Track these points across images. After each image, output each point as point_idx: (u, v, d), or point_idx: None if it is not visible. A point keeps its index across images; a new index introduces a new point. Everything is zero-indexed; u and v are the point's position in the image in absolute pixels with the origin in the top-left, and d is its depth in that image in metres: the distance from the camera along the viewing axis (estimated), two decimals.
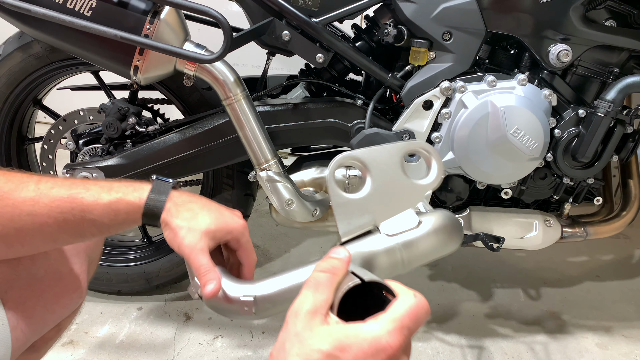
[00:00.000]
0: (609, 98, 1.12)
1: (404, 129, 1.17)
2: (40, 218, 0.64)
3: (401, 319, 0.44)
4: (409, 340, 0.45)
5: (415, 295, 0.46)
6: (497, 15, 1.12)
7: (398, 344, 0.42)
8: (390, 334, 0.42)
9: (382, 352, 0.42)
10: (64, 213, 0.64)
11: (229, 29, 1.01)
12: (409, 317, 0.44)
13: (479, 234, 1.25)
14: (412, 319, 0.44)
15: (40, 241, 0.67)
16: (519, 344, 1.38)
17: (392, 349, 0.42)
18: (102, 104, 1.28)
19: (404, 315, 0.44)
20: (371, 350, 0.42)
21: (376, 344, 0.42)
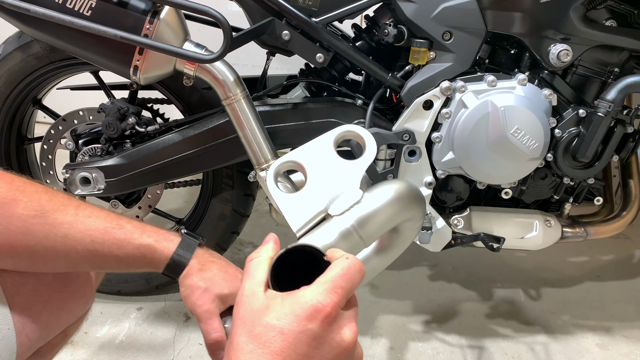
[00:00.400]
0: (609, 98, 1.12)
1: (404, 129, 1.17)
2: (72, 242, 0.65)
3: (333, 280, 0.46)
4: (349, 297, 0.47)
5: (347, 257, 0.48)
6: (497, 15, 1.12)
7: (332, 303, 0.44)
8: (322, 295, 0.45)
9: (317, 313, 0.44)
10: (95, 243, 0.66)
11: (228, 28, 1.01)
12: (341, 277, 0.46)
13: (479, 234, 1.25)
14: (344, 278, 0.46)
15: (63, 264, 0.68)
16: (519, 344, 1.38)
17: (326, 309, 0.44)
18: (102, 103, 1.28)
19: (336, 276, 0.46)
20: (306, 314, 0.44)
21: (310, 306, 0.44)
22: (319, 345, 0.44)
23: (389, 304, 1.51)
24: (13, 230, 0.63)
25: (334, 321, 0.45)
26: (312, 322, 0.44)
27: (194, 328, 1.39)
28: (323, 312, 0.44)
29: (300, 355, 0.44)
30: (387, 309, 1.49)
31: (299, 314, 0.44)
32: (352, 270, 0.47)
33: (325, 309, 0.44)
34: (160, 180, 1.29)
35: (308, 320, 0.44)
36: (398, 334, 1.40)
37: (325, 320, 0.44)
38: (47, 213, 0.65)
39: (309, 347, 0.44)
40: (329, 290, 0.45)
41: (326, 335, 0.45)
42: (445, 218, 1.26)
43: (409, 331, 1.41)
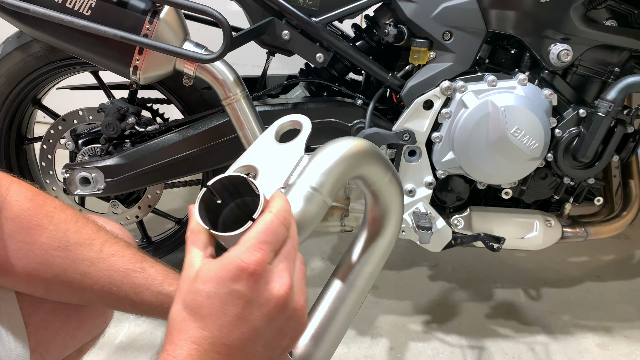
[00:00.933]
0: (609, 98, 1.12)
1: (404, 129, 1.17)
2: (89, 281, 0.63)
3: (256, 236, 0.45)
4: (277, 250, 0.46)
5: (271, 211, 0.47)
6: (497, 14, 1.12)
7: (255, 260, 0.44)
8: (245, 254, 0.44)
9: (241, 272, 0.43)
10: (112, 285, 0.64)
11: (228, 28, 1.01)
12: (264, 232, 0.45)
13: (479, 234, 1.25)
14: (267, 233, 0.45)
15: (77, 299, 0.66)
16: (520, 344, 1.38)
17: (250, 267, 0.43)
18: (102, 103, 1.28)
19: (259, 232, 0.45)
20: (230, 275, 0.43)
21: (233, 267, 0.43)
22: (248, 304, 0.44)
23: (389, 304, 1.51)
24: (32, 258, 0.61)
25: (260, 278, 0.44)
26: (237, 282, 0.43)
27: None
28: (247, 270, 0.43)
29: (230, 317, 0.43)
30: (387, 309, 1.49)
31: (223, 276, 0.43)
32: (275, 224, 0.46)
33: (249, 267, 0.43)
34: (160, 180, 1.29)
35: (233, 280, 0.43)
36: (398, 334, 1.40)
37: (251, 278, 0.43)
38: (71, 247, 0.62)
39: (238, 308, 0.43)
40: (252, 248, 0.44)
41: (253, 293, 0.44)
42: (445, 218, 1.26)
43: (409, 331, 1.41)
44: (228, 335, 0.44)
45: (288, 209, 0.48)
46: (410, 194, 1.23)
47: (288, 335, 0.48)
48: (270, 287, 0.44)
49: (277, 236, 0.46)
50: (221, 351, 0.43)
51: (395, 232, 0.72)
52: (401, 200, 0.71)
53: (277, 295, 0.45)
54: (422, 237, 1.19)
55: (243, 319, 0.44)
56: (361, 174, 0.64)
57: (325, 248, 1.75)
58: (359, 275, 0.68)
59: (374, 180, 0.66)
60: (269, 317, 0.45)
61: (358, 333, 1.39)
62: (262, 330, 0.45)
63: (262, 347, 0.46)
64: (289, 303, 0.46)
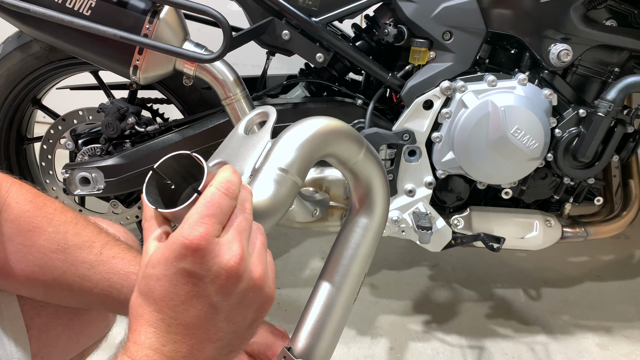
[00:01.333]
0: (609, 98, 1.12)
1: (404, 129, 1.17)
2: (89, 284, 0.62)
3: (198, 211, 0.44)
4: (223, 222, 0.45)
5: (212, 185, 0.45)
6: (497, 14, 1.12)
7: (199, 235, 0.42)
8: (188, 230, 0.43)
9: (185, 250, 0.42)
10: (112, 288, 0.63)
11: (228, 28, 1.01)
12: (206, 206, 0.44)
13: (479, 234, 1.25)
14: (209, 206, 0.44)
15: (77, 303, 0.65)
16: (520, 344, 1.38)
17: (193, 243, 0.42)
18: (102, 103, 1.28)
19: (200, 207, 0.44)
20: (175, 254, 0.42)
21: (177, 245, 0.42)
22: (199, 281, 0.43)
23: (389, 304, 1.51)
24: (31, 261, 0.60)
25: (207, 252, 0.42)
26: (184, 261, 0.42)
27: None
28: (191, 247, 0.42)
29: (182, 297, 0.42)
30: (387, 309, 1.49)
31: (169, 256, 0.42)
32: (217, 196, 0.44)
33: (193, 243, 0.42)
34: None
35: (179, 259, 0.42)
36: (398, 334, 1.39)
37: (196, 254, 0.42)
38: (70, 249, 0.62)
39: (189, 286, 0.42)
40: (195, 223, 0.43)
41: (202, 269, 0.42)
42: (445, 218, 1.26)
43: (409, 331, 1.41)
44: (183, 314, 0.43)
45: (231, 179, 0.46)
46: (410, 194, 1.23)
47: (251, 307, 0.46)
48: (219, 260, 0.43)
49: (221, 208, 0.44)
50: (179, 331, 0.43)
51: (384, 209, 0.70)
52: (383, 175, 0.69)
53: (227, 267, 0.43)
54: (422, 237, 1.19)
55: (196, 297, 0.43)
56: (332, 152, 0.62)
57: (325, 248, 1.75)
58: (353, 260, 0.66)
59: (348, 157, 0.64)
60: (224, 290, 0.43)
61: (358, 333, 1.39)
62: (219, 305, 0.44)
63: (223, 322, 0.44)
64: (243, 274, 0.44)
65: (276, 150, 0.56)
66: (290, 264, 1.67)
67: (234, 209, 0.46)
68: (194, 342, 0.43)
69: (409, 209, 1.23)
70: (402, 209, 1.23)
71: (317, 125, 0.59)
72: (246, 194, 0.48)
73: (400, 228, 1.24)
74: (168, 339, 0.43)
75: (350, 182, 0.69)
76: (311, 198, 1.21)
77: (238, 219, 0.46)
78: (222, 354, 0.45)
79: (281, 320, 1.38)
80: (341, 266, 0.66)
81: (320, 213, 1.21)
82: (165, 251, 0.43)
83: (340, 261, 0.66)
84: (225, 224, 0.45)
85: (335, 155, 0.63)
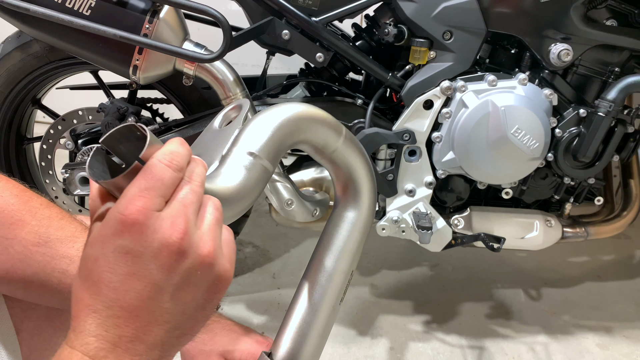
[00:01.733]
0: (609, 98, 1.12)
1: (404, 129, 1.17)
2: (68, 280, 0.60)
3: (136, 185, 0.40)
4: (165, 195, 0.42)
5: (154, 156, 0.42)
6: (497, 14, 1.12)
7: (136, 209, 0.39)
8: (124, 205, 0.40)
9: (122, 225, 0.39)
10: None
11: (228, 28, 1.01)
12: (144, 178, 0.41)
13: (479, 234, 1.25)
14: (147, 178, 0.41)
15: (58, 301, 0.63)
16: (520, 345, 1.38)
17: (130, 218, 0.39)
18: (101, 103, 1.28)
19: (138, 180, 0.41)
20: (111, 231, 0.39)
21: (114, 222, 0.39)
22: (138, 258, 0.40)
23: (389, 304, 1.51)
24: (12, 255, 0.58)
25: (146, 227, 0.39)
26: (121, 237, 0.39)
27: None
28: (127, 222, 0.39)
29: (121, 276, 0.39)
30: (387, 309, 1.48)
31: (105, 234, 0.40)
32: (158, 168, 0.41)
33: (129, 218, 0.39)
34: None
35: (115, 236, 0.39)
36: (398, 334, 1.39)
37: (134, 229, 0.39)
38: (52, 243, 0.60)
39: (127, 264, 0.39)
40: (132, 197, 0.40)
41: (141, 245, 0.40)
42: (445, 218, 1.26)
43: (409, 331, 1.41)
44: (124, 296, 0.40)
45: (176, 150, 0.43)
46: (410, 194, 1.22)
47: (200, 286, 0.43)
48: (159, 236, 0.40)
49: (162, 180, 0.41)
50: (121, 315, 0.40)
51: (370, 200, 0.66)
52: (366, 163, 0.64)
53: (169, 243, 0.40)
54: (422, 237, 1.19)
55: (136, 275, 0.40)
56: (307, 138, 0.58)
57: None
58: (339, 256, 0.62)
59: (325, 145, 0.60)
60: (166, 267, 0.40)
61: (358, 333, 1.39)
62: (163, 284, 0.41)
63: (169, 302, 0.41)
64: (187, 249, 0.41)
65: (246, 134, 0.53)
66: (290, 264, 1.67)
67: (180, 181, 0.43)
68: (139, 325, 0.40)
69: (409, 209, 1.23)
70: (403, 209, 1.23)
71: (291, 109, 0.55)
72: (196, 166, 0.45)
73: (401, 228, 1.24)
74: (110, 323, 0.40)
75: (332, 174, 0.65)
76: (311, 198, 1.21)
77: (183, 192, 0.42)
78: (172, 337, 0.42)
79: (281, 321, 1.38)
80: (326, 263, 0.62)
81: (320, 213, 1.21)
82: (101, 229, 0.40)
83: (324, 258, 0.62)
84: (169, 198, 0.42)
85: (311, 141, 0.59)
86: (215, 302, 0.45)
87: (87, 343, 0.39)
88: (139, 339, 0.40)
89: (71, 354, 0.39)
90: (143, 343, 0.41)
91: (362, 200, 0.65)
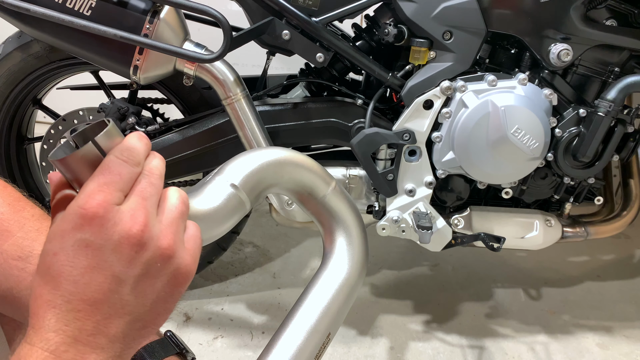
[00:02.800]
0: (609, 97, 1.12)
1: (404, 129, 1.17)
2: None
3: (94, 179, 0.41)
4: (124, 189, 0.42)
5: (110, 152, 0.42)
6: (497, 14, 1.12)
7: (96, 203, 0.40)
8: (84, 199, 0.40)
9: (82, 219, 0.40)
10: None
11: (228, 28, 1.01)
12: (103, 173, 0.41)
13: (479, 233, 1.25)
14: (107, 173, 0.41)
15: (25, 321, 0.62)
16: (520, 344, 1.38)
17: (91, 211, 0.40)
18: (102, 103, 1.28)
19: (97, 174, 0.41)
20: (71, 225, 0.40)
21: (73, 216, 0.40)
22: (98, 251, 0.40)
23: (389, 303, 1.51)
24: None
25: (106, 221, 0.40)
26: (80, 231, 0.39)
27: (194, 328, 1.39)
28: (87, 215, 0.39)
29: (82, 269, 0.39)
30: (387, 309, 1.49)
31: (65, 228, 0.40)
32: (115, 162, 0.42)
33: (89, 212, 0.39)
34: None
35: (75, 230, 0.39)
36: (398, 334, 1.40)
37: (94, 222, 0.39)
38: (33, 258, 0.57)
39: (88, 257, 0.40)
40: (92, 192, 0.40)
41: (101, 238, 0.40)
42: (445, 218, 1.26)
43: (409, 331, 1.41)
44: (84, 289, 0.40)
45: (132, 145, 0.43)
46: (410, 193, 1.23)
47: (160, 278, 0.43)
48: (119, 229, 0.40)
49: (120, 175, 0.41)
50: (82, 308, 0.39)
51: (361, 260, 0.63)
52: (358, 216, 0.63)
53: (128, 235, 0.40)
54: (422, 236, 1.19)
55: (97, 268, 0.40)
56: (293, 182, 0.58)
57: None
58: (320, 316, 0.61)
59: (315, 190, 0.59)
60: (126, 259, 0.41)
61: (358, 333, 1.39)
62: (123, 276, 0.41)
63: (130, 294, 0.41)
64: (148, 242, 0.41)
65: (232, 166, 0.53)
66: (291, 264, 1.68)
67: (138, 175, 0.43)
68: (99, 318, 0.40)
69: (409, 209, 1.23)
70: (403, 208, 1.23)
71: (278, 153, 0.56)
72: (153, 159, 0.45)
73: (401, 228, 1.24)
74: (70, 317, 0.39)
75: (319, 225, 0.64)
76: None
77: (141, 185, 0.43)
78: (133, 329, 0.42)
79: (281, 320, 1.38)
80: (305, 319, 0.61)
81: None
82: (61, 223, 0.40)
83: (305, 314, 0.61)
84: (127, 192, 0.42)
85: (296, 186, 0.59)
86: (177, 295, 0.45)
87: (47, 339, 0.39)
88: (100, 332, 0.40)
89: (31, 351, 0.39)
90: (104, 336, 0.41)
91: (351, 259, 0.63)
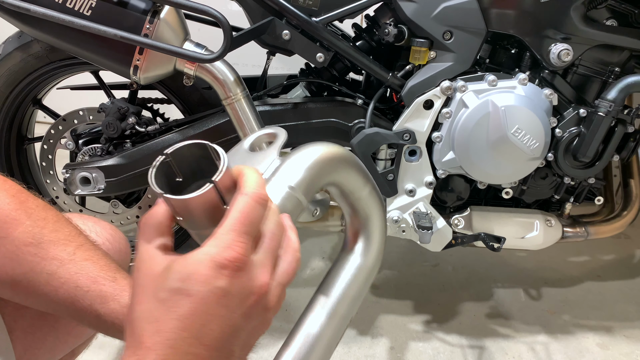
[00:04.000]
0: (609, 97, 1.12)
1: (404, 129, 1.17)
2: (56, 283, 0.60)
3: (233, 229, 0.41)
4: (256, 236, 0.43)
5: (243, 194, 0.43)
6: (497, 14, 1.12)
7: (236, 255, 0.41)
8: (226, 249, 0.41)
9: (223, 269, 0.41)
10: (78, 289, 0.60)
11: (229, 28, 1.01)
12: (241, 222, 0.42)
13: (479, 233, 1.25)
14: (244, 222, 0.42)
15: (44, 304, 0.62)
16: (520, 344, 1.38)
17: (232, 264, 0.41)
18: (102, 103, 1.28)
19: (235, 223, 0.42)
20: (211, 272, 0.40)
21: (214, 264, 0.40)
22: (229, 301, 0.41)
23: (390, 303, 1.51)
24: (2, 253, 0.58)
25: (243, 272, 0.41)
26: (220, 279, 0.40)
27: None
28: (229, 267, 0.40)
29: (212, 316, 0.41)
30: (388, 309, 1.49)
31: (205, 273, 0.40)
32: (250, 207, 0.42)
33: (232, 264, 0.40)
34: None
35: (215, 278, 0.40)
36: (398, 334, 1.40)
37: (233, 274, 0.41)
38: (44, 244, 0.59)
39: (220, 305, 0.41)
40: (232, 242, 0.41)
41: (236, 290, 0.41)
42: (445, 218, 1.26)
43: (410, 331, 1.41)
44: (208, 335, 0.41)
45: (262, 183, 0.44)
46: (411, 193, 1.23)
47: (255, 335, 0.45)
48: (251, 284, 0.42)
49: (255, 222, 0.43)
50: (199, 353, 0.40)
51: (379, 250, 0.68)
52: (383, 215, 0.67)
53: (256, 291, 0.42)
54: (423, 236, 1.19)
55: (224, 317, 0.41)
56: (339, 180, 0.61)
57: (325, 247, 1.75)
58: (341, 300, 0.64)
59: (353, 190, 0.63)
60: (247, 314, 0.42)
61: (358, 333, 1.39)
62: (240, 328, 0.42)
63: (238, 346, 0.43)
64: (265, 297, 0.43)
65: (285, 167, 0.55)
66: None
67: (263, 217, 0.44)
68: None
69: (409, 209, 1.23)
70: (403, 208, 1.23)
71: (329, 150, 0.58)
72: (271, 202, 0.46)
73: (401, 228, 1.24)
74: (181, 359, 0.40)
75: (348, 217, 0.67)
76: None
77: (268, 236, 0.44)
78: None
79: (282, 320, 1.38)
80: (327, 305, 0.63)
81: (320, 213, 1.21)
82: (199, 268, 0.41)
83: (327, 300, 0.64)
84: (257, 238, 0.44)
85: (341, 184, 0.62)
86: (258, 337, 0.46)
87: None
88: None
89: None
90: None
91: (371, 249, 0.67)
